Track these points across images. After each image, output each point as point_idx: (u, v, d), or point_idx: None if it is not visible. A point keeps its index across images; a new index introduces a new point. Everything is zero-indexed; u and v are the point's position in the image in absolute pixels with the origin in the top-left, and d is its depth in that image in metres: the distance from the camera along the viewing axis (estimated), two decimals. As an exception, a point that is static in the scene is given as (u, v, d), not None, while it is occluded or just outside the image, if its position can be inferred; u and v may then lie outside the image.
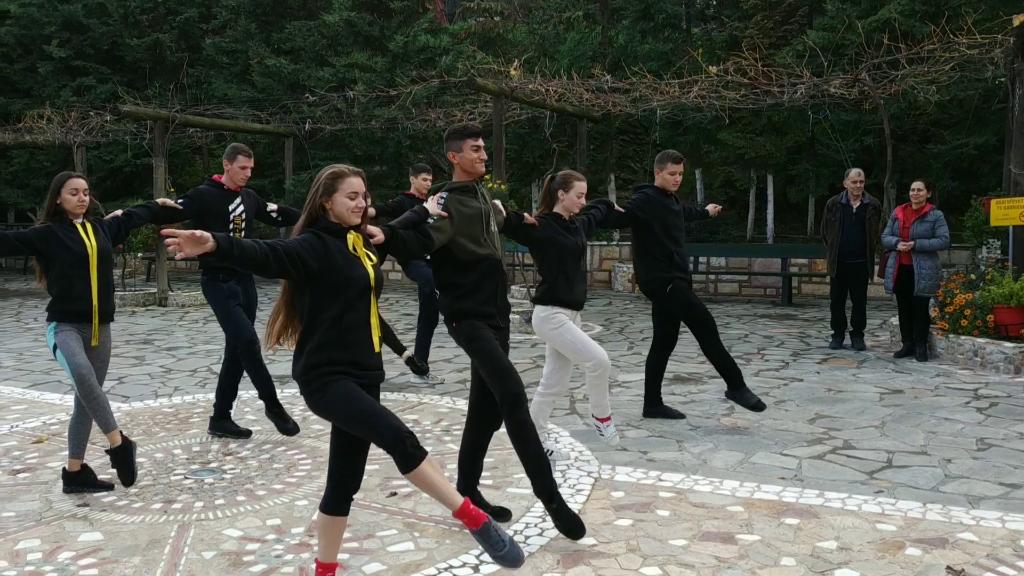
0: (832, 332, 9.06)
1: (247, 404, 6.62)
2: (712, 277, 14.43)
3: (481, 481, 4.67)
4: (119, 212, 5.00)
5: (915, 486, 4.57)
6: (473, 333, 3.95)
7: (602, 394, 4.98)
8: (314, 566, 3.34)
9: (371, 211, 4.71)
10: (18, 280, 18.79)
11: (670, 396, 6.76)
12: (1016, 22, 8.91)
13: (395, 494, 4.52)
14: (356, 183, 3.22)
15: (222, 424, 5.73)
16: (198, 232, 2.87)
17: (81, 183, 4.55)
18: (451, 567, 3.60)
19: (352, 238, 3.25)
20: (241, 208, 5.77)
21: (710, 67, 11.45)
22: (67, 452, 4.67)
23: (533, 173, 18.31)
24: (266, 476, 4.85)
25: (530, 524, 4.06)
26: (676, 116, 14.21)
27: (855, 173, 8.69)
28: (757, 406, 5.80)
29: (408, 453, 3.09)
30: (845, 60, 12.52)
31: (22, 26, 21.59)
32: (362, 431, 3.16)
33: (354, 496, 3.28)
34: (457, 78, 14.60)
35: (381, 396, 3.42)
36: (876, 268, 8.66)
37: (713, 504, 4.32)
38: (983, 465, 4.91)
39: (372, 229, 3.49)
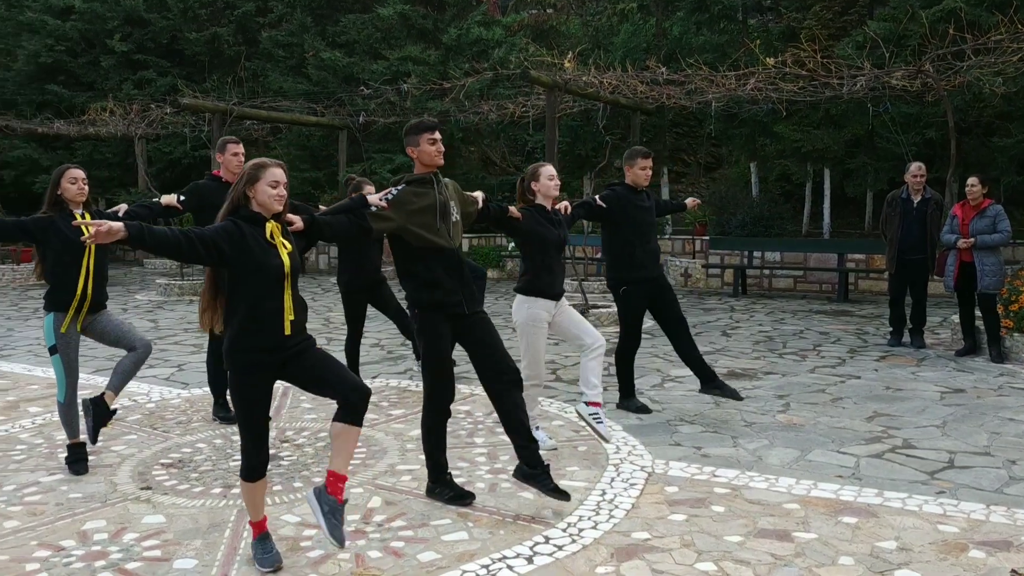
0: (891, 329, 8.88)
1: (303, 392, 6.72)
2: (767, 272, 14.22)
3: (534, 473, 4.68)
4: (121, 208, 5.14)
5: (978, 487, 4.46)
6: (428, 329, 4.15)
7: (530, 405, 5.04)
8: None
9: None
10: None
11: (724, 391, 6.70)
12: (1089, 11, 8.60)
13: (448, 484, 4.55)
14: (278, 173, 3.46)
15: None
16: (107, 223, 3.10)
17: (80, 173, 4.84)
18: (504, 557, 3.61)
19: (270, 227, 3.47)
20: None
21: (767, 59, 11.28)
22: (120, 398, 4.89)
23: (585, 166, 18.24)
24: (322, 464, 4.91)
25: (583, 517, 4.06)
26: (731, 109, 14.02)
27: (915, 167, 8.49)
28: (642, 410, 6.09)
29: (252, 469, 3.51)
30: (907, 51, 12.21)
31: (86, 21, 22.13)
32: (240, 427, 3.55)
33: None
34: (510, 71, 14.58)
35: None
36: (935, 266, 8.43)
37: (769, 501, 4.27)
38: (1050, 467, 4.77)
39: (292, 217, 3.68)
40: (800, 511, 4.13)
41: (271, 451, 5.14)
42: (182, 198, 5.64)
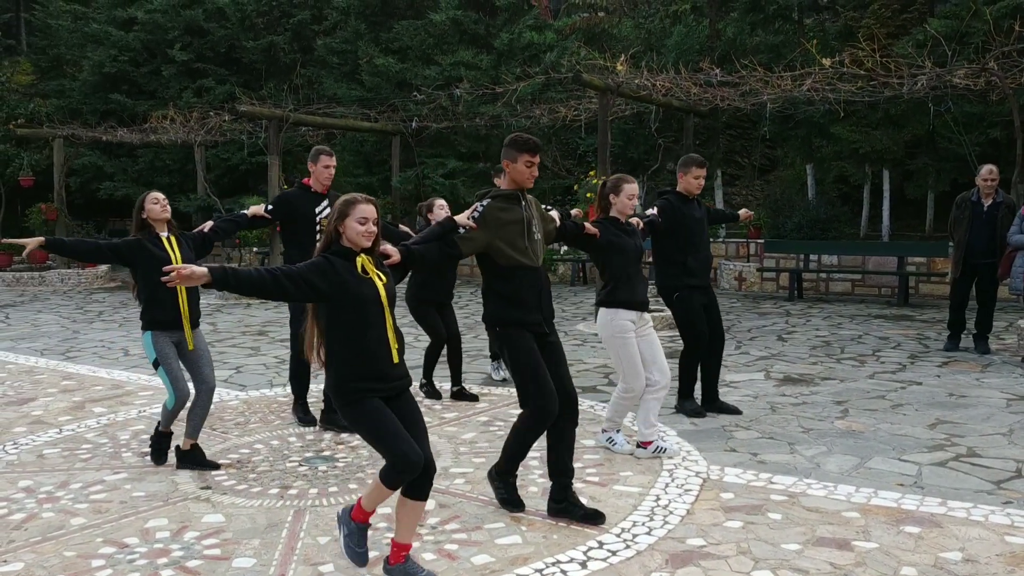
0: (949, 333, 8.65)
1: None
2: (823, 276, 13.98)
3: (587, 477, 4.67)
4: (206, 226, 5.30)
5: (1048, 498, 4.32)
6: (516, 342, 4.06)
7: (621, 413, 5.22)
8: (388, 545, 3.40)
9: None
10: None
11: (780, 397, 6.61)
12: None
13: (502, 487, 4.55)
14: (366, 210, 3.44)
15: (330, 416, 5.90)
16: (190, 268, 3.17)
17: (160, 195, 5.04)
18: (558, 562, 3.61)
19: (361, 260, 3.46)
20: (328, 210, 5.88)
21: (824, 59, 11.08)
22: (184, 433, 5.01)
23: (638, 169, 18.12)
24: (376, 466, 4.95)
25: (638, 523, 4.03)
26: (787, 110, 13.81)
27: (986, 170, 8.24)
28: (696, 413, 6.08)
29: (397, 476, 3.36)
30: (970, 49, 11.91)
31: (148, 31, 22.69)
32: (378, 448, 3.41)
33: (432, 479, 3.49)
34: (562, 74, 14.56)
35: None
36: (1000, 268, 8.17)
37: (827, 509, 4.19)
38: (1124, 478, 4.60)
39: (388, 249, 3.69)
40: (860, 520, 4.05)
41: (327, 452, 5.22)
42: (270, 207, 5.73)
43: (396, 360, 3.48)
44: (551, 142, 20.17)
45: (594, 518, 4.06)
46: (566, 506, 4.12)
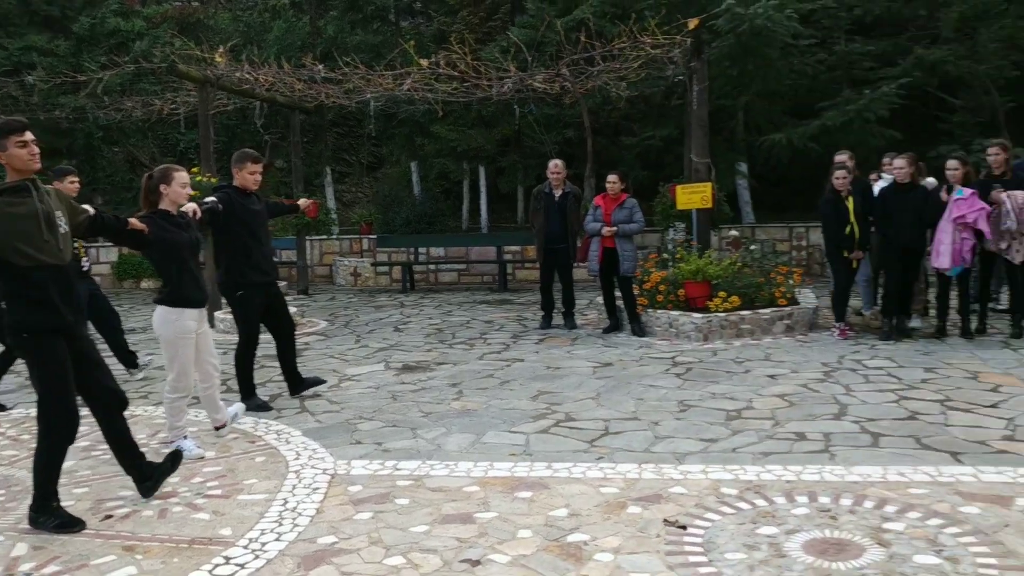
0: (543, 313, 9.57)
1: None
2: (432, 267, 14.68)
3: (208, 491, 4.40)
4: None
5: (630, 449, 4.95)
6: (44, 354, 3.87)
7: (179, 416, 5.10)
8: None
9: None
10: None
11: (400, 385, 6.80)
12: (691, 25, 9.91)
13: (110, 516, 4.13)
14: None
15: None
16: None
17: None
18: (182, 586, 3.35)
19: None
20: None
21: (421, 60, 11.58)
22: None
23: (244, 166, 17.53)
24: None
25: (265, 530, 3.88)
26: (390, 108, 14.24)
27: (552, 164, 9.26)
28: (263, 407, 6.11)
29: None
30: (547, 56, 13.21)
31: None
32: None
33: None
34: (155, 64, 13.56)
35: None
36: (576, 253, 9.20)
37: (450, 487, 4.39)
38: (685, 425, 5.43)
39: None
40: (480, 492, 4.30)
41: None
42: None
43: None
44: (147, 137, 18.78)
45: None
46: (158, 473, 4.33)
